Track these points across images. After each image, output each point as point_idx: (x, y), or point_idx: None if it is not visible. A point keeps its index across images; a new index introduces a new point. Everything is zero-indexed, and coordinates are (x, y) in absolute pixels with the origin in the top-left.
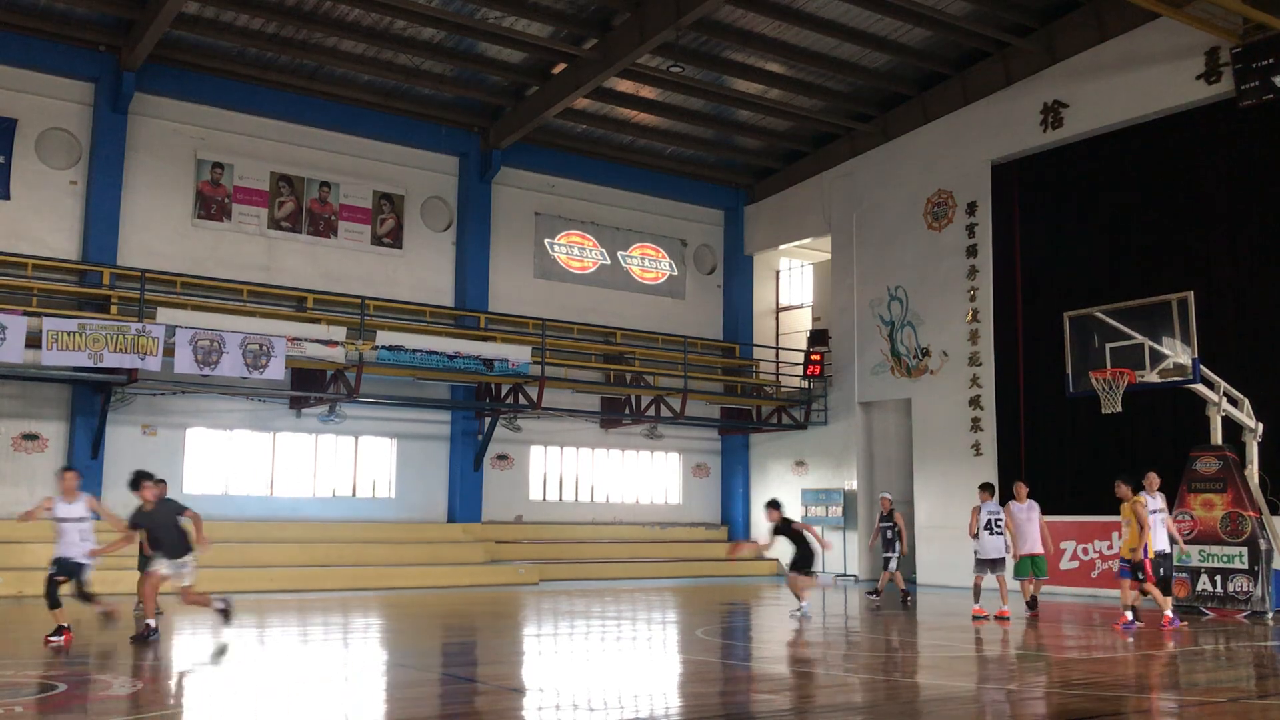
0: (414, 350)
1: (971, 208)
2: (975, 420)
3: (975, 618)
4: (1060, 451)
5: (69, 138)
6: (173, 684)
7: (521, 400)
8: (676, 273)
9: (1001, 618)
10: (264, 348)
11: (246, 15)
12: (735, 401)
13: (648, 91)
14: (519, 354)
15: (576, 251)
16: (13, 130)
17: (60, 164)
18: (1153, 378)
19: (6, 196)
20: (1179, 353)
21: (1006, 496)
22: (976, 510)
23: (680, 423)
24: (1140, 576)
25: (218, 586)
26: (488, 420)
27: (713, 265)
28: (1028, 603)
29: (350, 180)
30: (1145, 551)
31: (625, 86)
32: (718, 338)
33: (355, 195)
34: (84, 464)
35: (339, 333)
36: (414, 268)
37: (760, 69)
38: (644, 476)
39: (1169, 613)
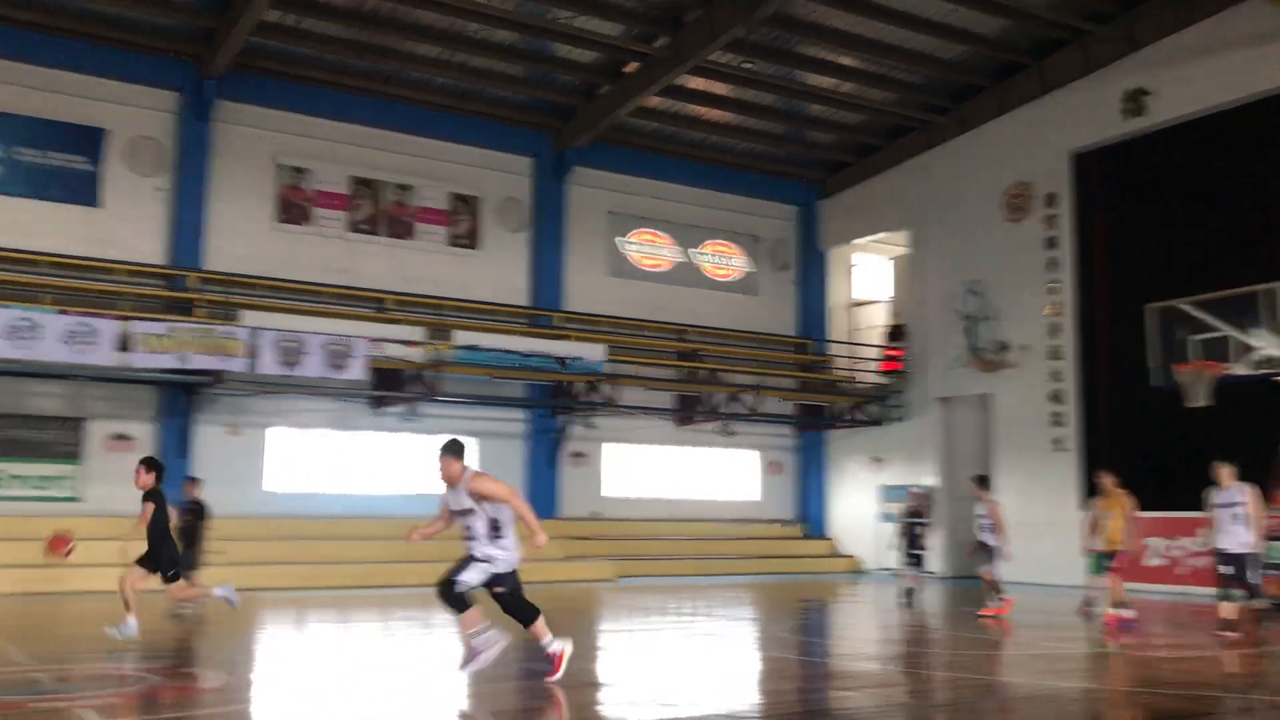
0: (490, 349)
1: (1051, 199)
2: (1056, 415)
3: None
4: (1146, 446)
5: (156, 145)
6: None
7: (595, 398)
8: (749, 269)
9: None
10: (344, 348)
11: (325, 22)
12: (810, 398)
13: (719, 88)
14: (593, 352)
15: (649, 249)
16: (103, 140)
17: (148, 171)
18: (1241, 370)
19: (99, 204)
20: (1270, 344)
21: (1094, 490)
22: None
23: (755, 420)
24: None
25: (297, 582)
26: (563, 418)
27: (786, 261)
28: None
29: (427, 182)
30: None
31: (696, 84)
32: (792, 334)
33: (432, 197)
34: (171, 463)
35: (417, 333)
36: (489, 268)
37: (833, 63)
38: (719, 473)
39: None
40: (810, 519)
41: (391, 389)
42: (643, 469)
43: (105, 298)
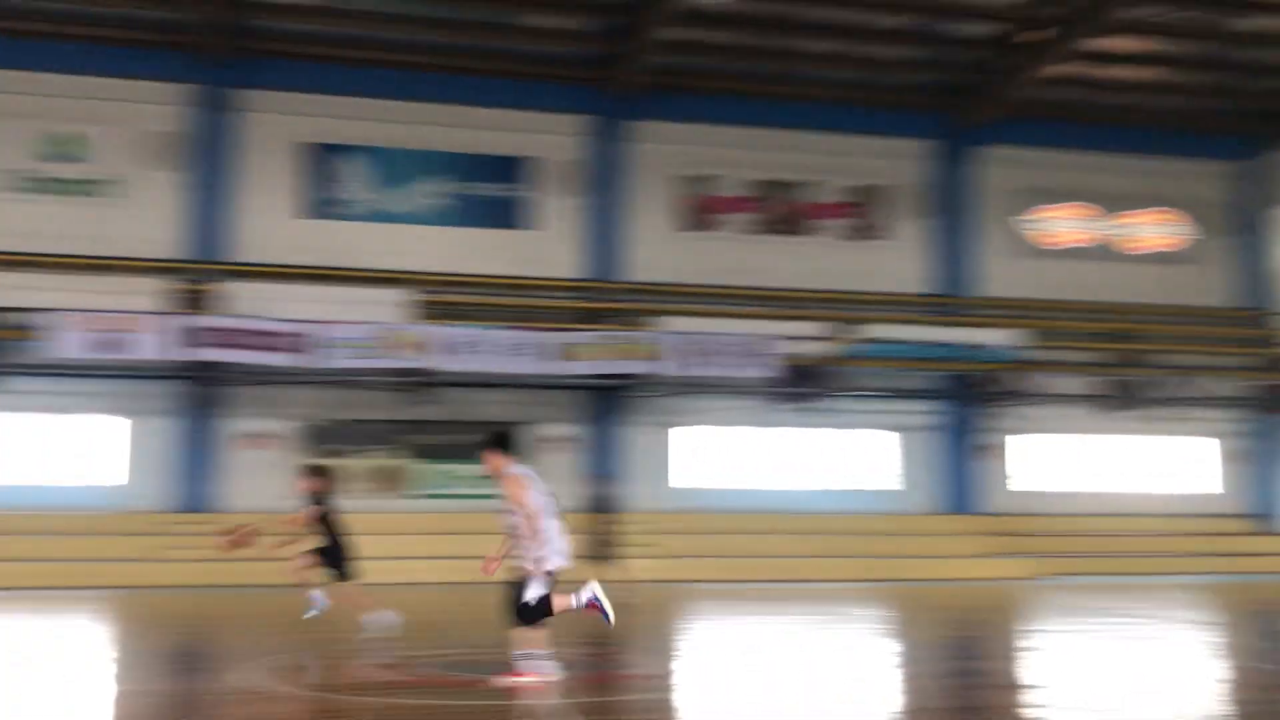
0: (898, 341)
1: None
2: None
3: None
4: None
5: (573, 168)
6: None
7: (1011, 386)
8: (1183, 236)
9: None
10: (752, 347)
11: (719, 32)
12: (1268, 377)
13: (1130, 45)
14: (1006, 338)
15: (1064, 225)
16: (526, 167)
17: (567, 193)
18: None
19: (526, 227)
20: None
21: None
22: None
23: (1202, 403)
24: None
25: (720, 575)
26: (976, 409)
27: (1223, 225)
28: None
29: (824, 177)
30: None
31: (1105, 44)
32: (1237, 305)
33: (830, 191)
34: (603, 464)
35: (824, 328)
36: (892, 257)
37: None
38: (1155, 462)
39: None
40: (1276, 513)
41: (800, 385)
42: (1065, 460)
43: (537, 312)
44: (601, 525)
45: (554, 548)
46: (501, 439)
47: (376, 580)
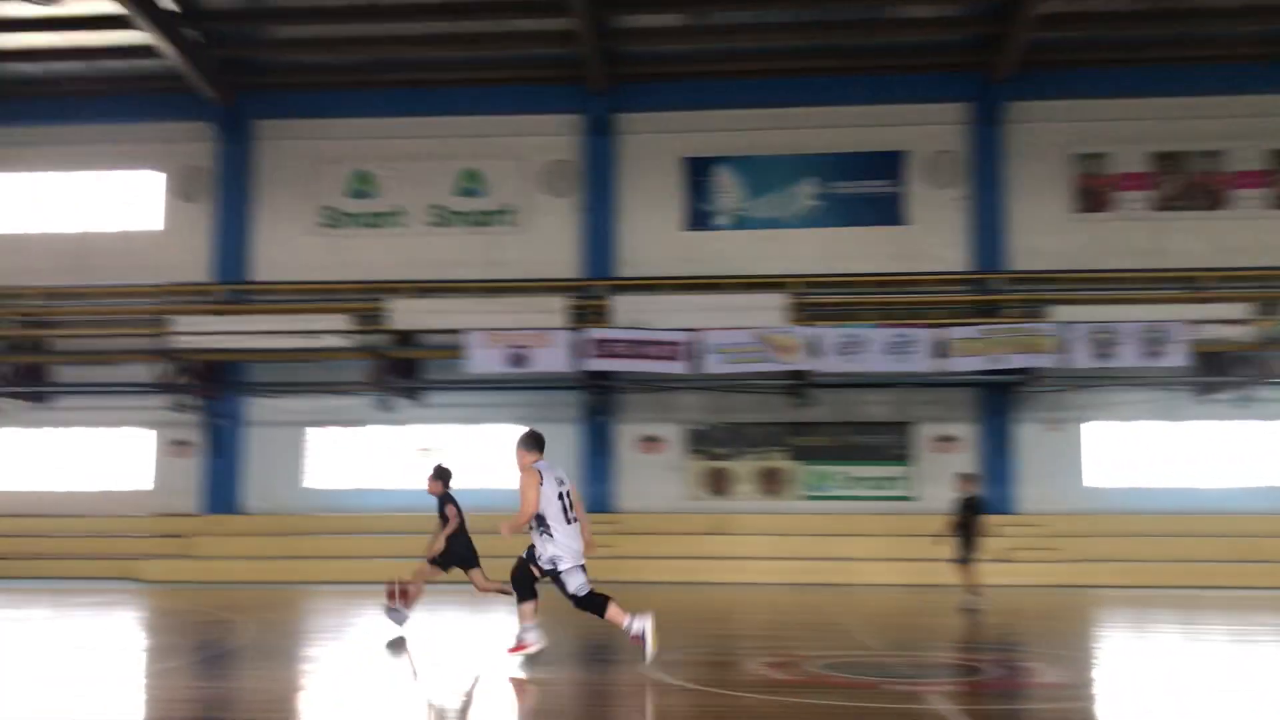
0: None
1: None
2: None
3: None
4: None
5: (952, 158)
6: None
7: None
8: None
9: None
10: (1160, 334)
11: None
12: None
13: None
14: None
15: None
16: (903, 161)
17: (945, 184)
18: None
19: (904, 222)
20: None
21: None
22: None
23: None
24: None
25: (1129, 580)
26: None
27: None
28: None
29: (1238, 144)
30: None
31: None
32: None
33: (1244, 159)
34: (992, 462)
35: (1242, 310)
36: None
37: None
38: None
39: None
40: None
41: (1217, 373)
42: None
43: (919, 308)
44: (969, 526)
45: (563, 548)
46: (527, 437)
47: (759, 580)
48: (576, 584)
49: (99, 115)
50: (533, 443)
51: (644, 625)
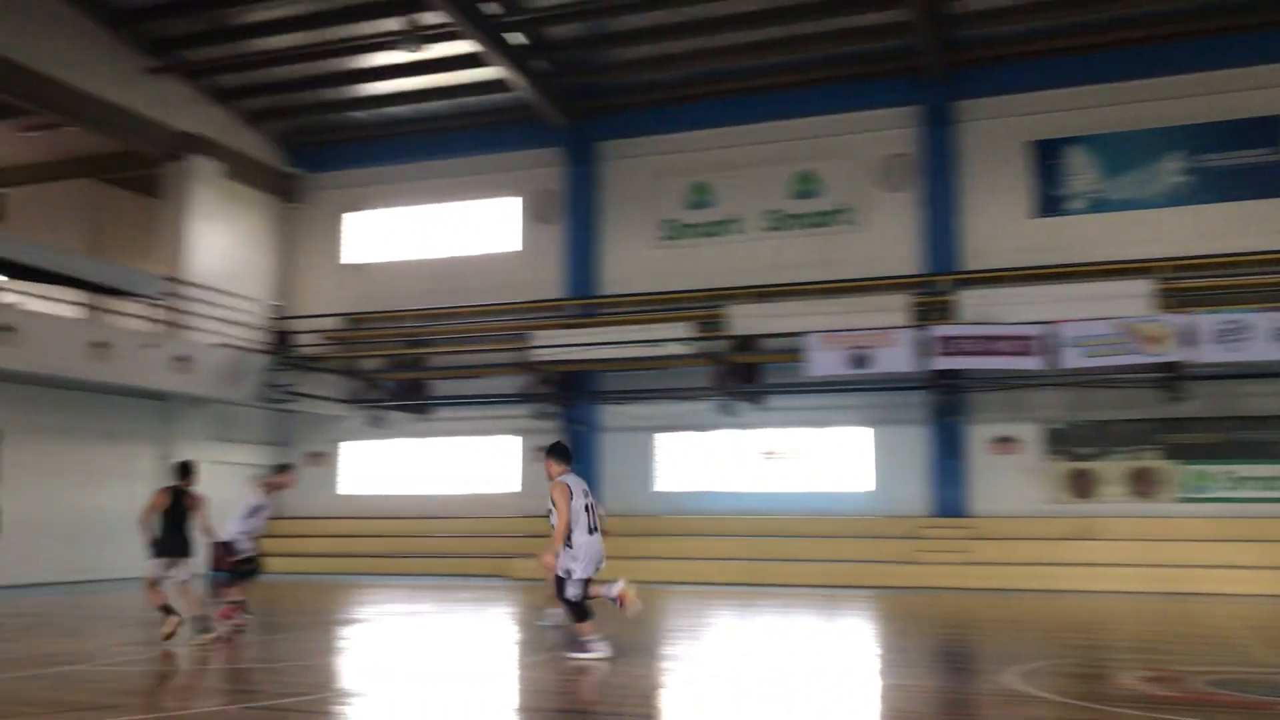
0: None
1: None
2: None
3: None
4: None
5: None
6: None
7: None
8: None
9: None
10: None
11: None
12: None
13: None
14: None
15: None
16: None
17: None
18: None
19: None
20: None
21: None
22: None
23: None
24: None
25: None
26: None
27: None
28: None
29: None
30: None
31: None
32: None
33: None
34: None
35: None
36: None
37: None
38: None
39: None
40: None
41: None
42: None
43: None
44: None
45: (584, 559)
46: (555, 449)
47: (1126, 588)
48: (573, 592)
49: (461, 149)
50: (561, 455)
51: (619, 586)
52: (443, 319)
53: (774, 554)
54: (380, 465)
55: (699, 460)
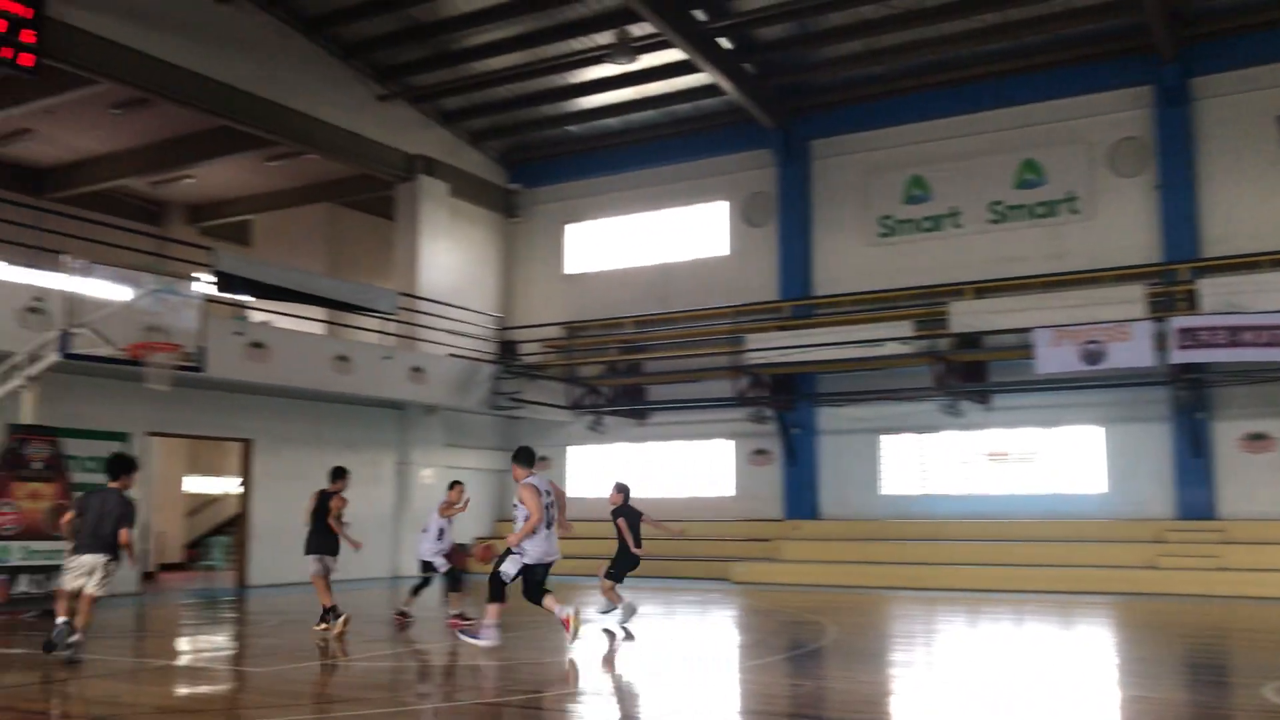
0: None
1: None
2: None
3: None
4: None
5: None
6: None
7: None
8: None
9: None
10: None
11: None
12: None
13: None
14: None
15: None
16: None
17: None
18: None
19: None
20: None
21: None
22: None
23: None
24: None
25: None
26: None
27: None
28: None
29: None
30: None
31: None
32: None
33: None
34: None
35: None
36: None
37: None
38: None
39: None
40: None
41: None
42: None
43: None
44: None
45: (538, 546)
46: (521, 453)
47: None
48: (508, 569)
49: (672, 156)
50: (526, 459)
51: (570, 610)
52: (656, 325)
53: (1003, 559)
54: (601, 469)
55: (923, 463)
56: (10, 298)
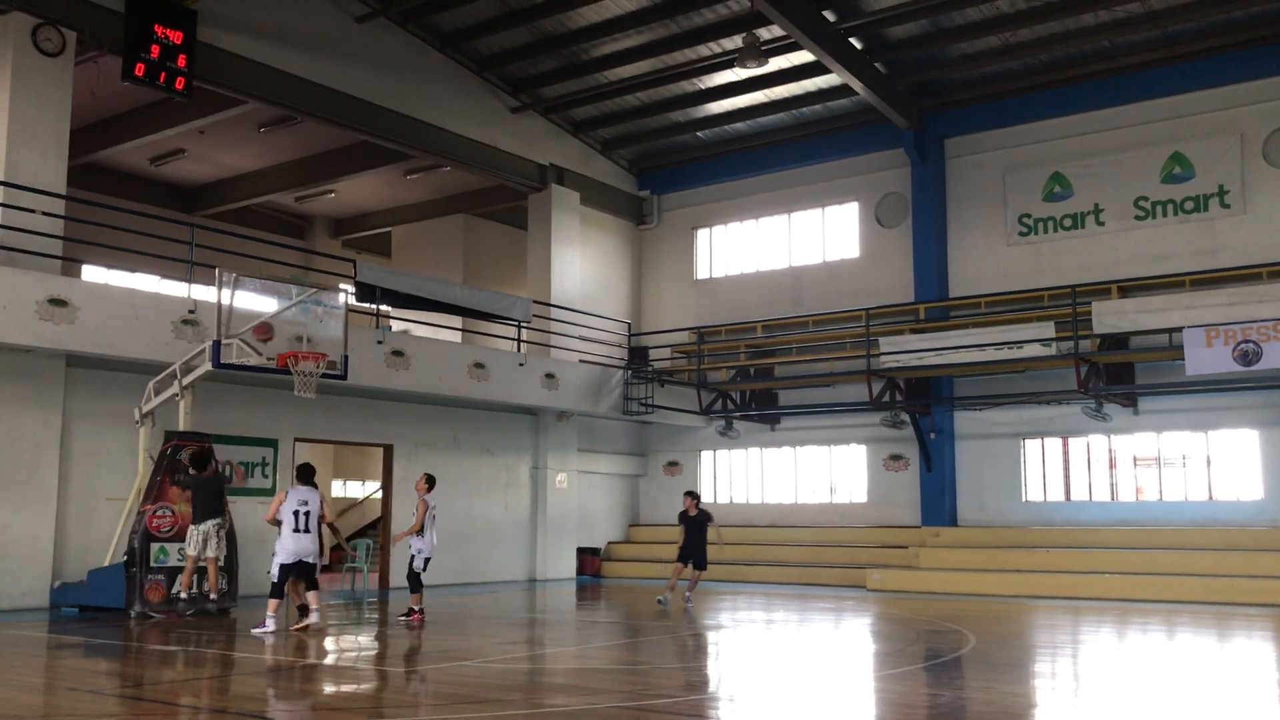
0: None
1: None
2: None
3: None
4: None
5: None
6: None
7: None
8: None
9: None
10: None
11: None
12: None
13: None
14: None
15: None
16: None
17: None
18: None
19: None
20: None
21: None
22: None
23: None
24: None
25: None
26: None
27: None
28: None
29: None
30: None
31: None
32: None
33: None
34: None
35: None
36: None
37: None
38: None
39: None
40: None
41: None
42: None
43: None
44: None
45: (283, 551)
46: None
47: None
48: (274, 568)
49: (801, 159)
50: (298, 474)
51: (268, 628)
52: (787, 329)
53: (1151, 568)
54: (735, 474)
55: (1067, 468)
56: (166, 311)
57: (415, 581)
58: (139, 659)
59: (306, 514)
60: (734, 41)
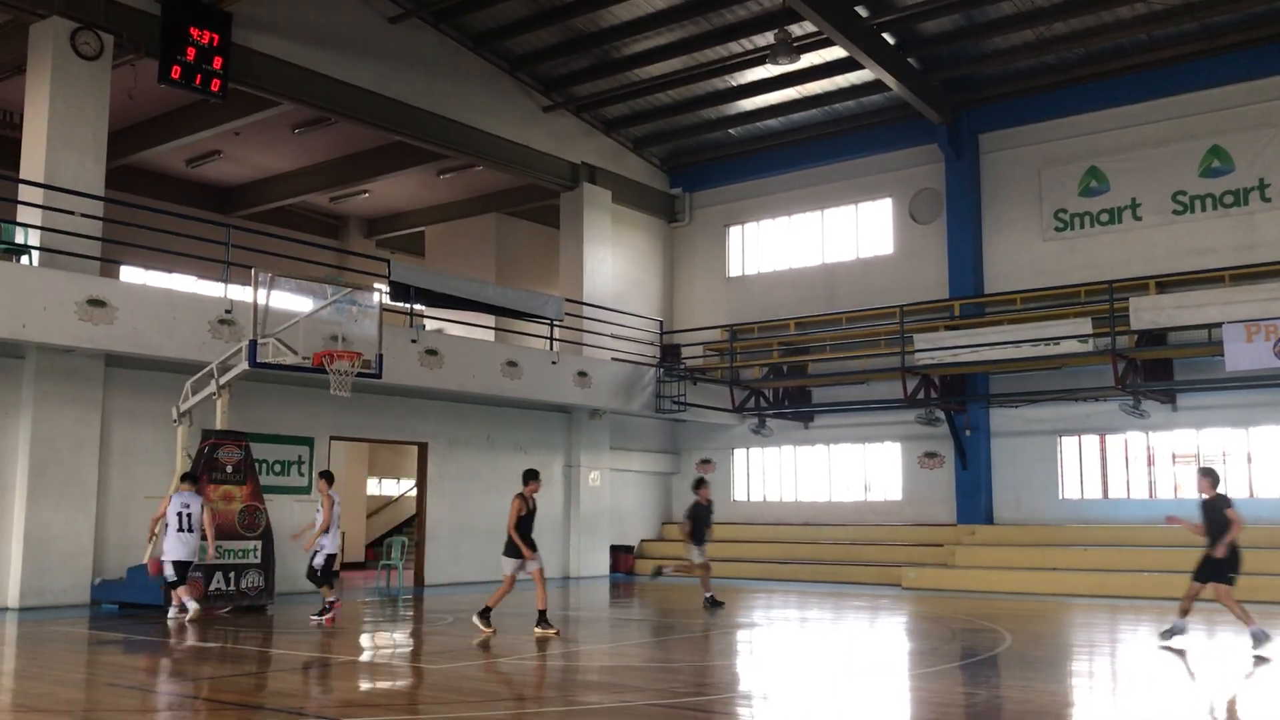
0: None
1: None
2: None
3: None
4: None
5: None
6: None
7: None
8: None
9: None
10: None
11: None
12: None
13: None
14: None
15: None
16: None
17: None
18: None
19: None
20: None
21: None
22: None
23: None
24: None
25: None
26: None
27: None
28: None
29: None
30: None
31: None
32: None
33: None
34: None
35: None
36: None
37: None
38: None
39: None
40: None
41: None
42: None
43: None
44: None
45: (171, 550)
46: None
47: None
48: (167, 570)
49: (833, 155)
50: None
51: (191, 608)
52: (820, 326)
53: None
54: (768, 472)
55: (1105, 465)
56: (203, 311)
57: (325, 577)
58: (177, 655)
59: (189, 516)
60: (765, 38)
